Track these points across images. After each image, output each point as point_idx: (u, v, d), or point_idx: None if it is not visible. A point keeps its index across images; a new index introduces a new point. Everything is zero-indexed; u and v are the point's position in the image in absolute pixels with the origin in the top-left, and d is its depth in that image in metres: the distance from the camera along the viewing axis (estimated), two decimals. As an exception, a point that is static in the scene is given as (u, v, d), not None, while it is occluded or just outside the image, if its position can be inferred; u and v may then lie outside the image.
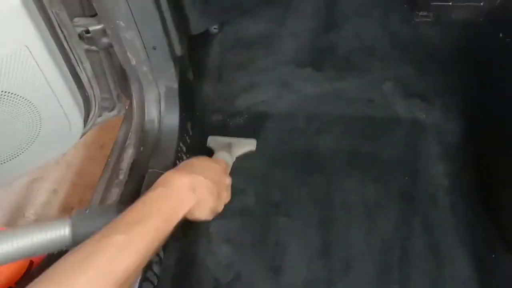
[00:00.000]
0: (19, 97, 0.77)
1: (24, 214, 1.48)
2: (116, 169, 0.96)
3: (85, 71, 0.91)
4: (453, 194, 1.01)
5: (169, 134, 1.02)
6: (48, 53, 0.76)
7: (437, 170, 1.05)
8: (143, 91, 1.01)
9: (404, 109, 1.15)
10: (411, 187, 1.02)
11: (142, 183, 0.93)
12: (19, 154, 0.87)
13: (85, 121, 0.95)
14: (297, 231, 0.98)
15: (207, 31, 1.22)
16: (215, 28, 1.26)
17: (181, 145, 1.04)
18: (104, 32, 0.89)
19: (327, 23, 1.26)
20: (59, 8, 0.81)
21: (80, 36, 0.89)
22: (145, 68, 0.96)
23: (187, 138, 1.08)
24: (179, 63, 1.01)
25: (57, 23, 0.81)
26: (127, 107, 1.10)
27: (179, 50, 0.97)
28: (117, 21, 0.85)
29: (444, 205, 0.99)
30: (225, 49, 1.27)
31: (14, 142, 0.84)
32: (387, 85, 1.19)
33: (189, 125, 1.10)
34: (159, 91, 1.01)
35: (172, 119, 1.03)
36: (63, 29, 0.83)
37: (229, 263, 0.94)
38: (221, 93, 1.23)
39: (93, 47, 0.93)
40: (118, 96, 1.07)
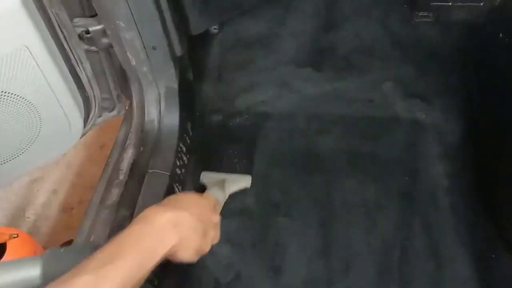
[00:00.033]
0: (19, 97, 0.77)
1: (24, 214, 1.48)
2: (116, 169, 0.96)
3: (85, 71, 0.91)
4: (453, 194, 1.01)
5: (169, 134, 1.02)
6: (48, 53, 0.76)
7: (437, 170, 1.05)
8: (143, 91, 1.01)
9: (404, 109, 1.15)
10: (411, 187, 1.02)
11: (142, 183, 0.93)
12: (19, 154, 0.87)
13: (85, 121, 0.95)
14: (297, 231, 0.98)
15: (207, 31, 1.22)
16: (215, 28, 1.26)
17: (181, 145, 1.04)
18: (104, 32, 0.90)
19: (327, 23, 1.26)
20: (59, 8, 0.81)
21: (80, 36, 0.89)
22: (145, 68, 0.96)
23: (187, 138, 1.08)
24: (179, 63, 1.01)
25: (57, 23, 0.81)
26: (127, 108, 1.10)
27: (179, 50, 0.98)
28: (117, 22, 0.85)
29: (444, 205, 0.99)
30: (225, 49, 1.27)
31: (14, 142, 0.84)
32: (387, 85, 1.19)
33: (189, 125, 1.10)
34: (159, 91, 1.01)
35: (172, 119, 1.03)
36: (63, 30, 0.83)
37: (229, 263, 0.94)
38: (221, 93, 1.23)
39: (93, 48, 0.93)
40: (118, 96, 1.07)
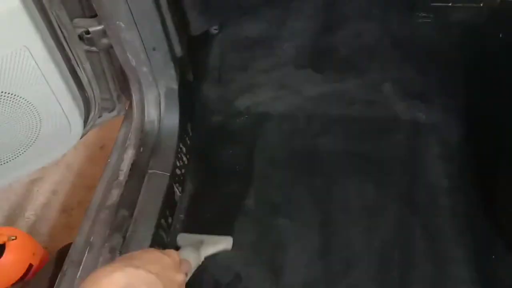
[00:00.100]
0: (19, 97, 0.77)
1: (24, 214, 1.48)
2: (116, 170, 0.96)
3: (85, 72, 0.91)
4: (453, 194, 1.00)
5: (169, 135, 1.02)
6: (48, 54, 0.76)
7: (437, 170, 1.04)
8: (143, 92, 1.01)
9: (404, 109, 1.15)
10: (411, 188, 1.02)
11: (142, 183, 0.93)
12: (19, 155, 0.87)
13: (85, 121, 0.95)
14: (297, 232, 0.98)
15: (207, 32, 1.22)
16: (215, 29, 1.26)
17: (181, 146, 1.04)
18: (104, 33, 0.90)
19: (326, 24, 1.26)
20: (59, 8, 0.81)
21: (80, 36, 0.89)
22: (145, 69, 0.96)
23: (187, 139, 1.08)
24: (179, 64, 1.01)
25: (57, 23, 0.81)
26: (127, 108, 1.10)
27: (179, 51, 0.98)
28: (117, 22, 0.85)
29: (444, 206, 0.99)
30: (225, 50, 1.27)
31: (14, 142, 0.84)
32: (387, 86, 1.19)
33: (189, 126, 1.10)
34: (159, 92, 1.01)
35: (172, 119, 1.03)
36: (63, 30, 0.83)
37: (229, 264, 0.94)
38: (221, 93, 1.23)
39: (93, 48, 0.93)
40: (118, 96, 1.07)
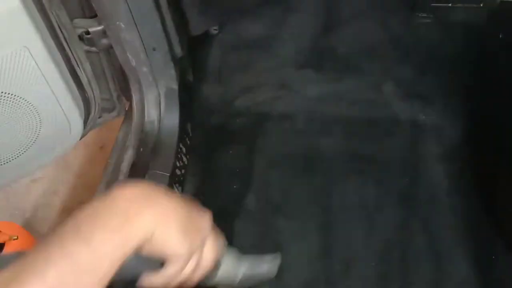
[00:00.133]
0: (19, 98, 0.77)
1: (24, 214, 1.48)
2: (116, 170, 0.96)
3: (85, 72, 0.91)
4: (453, 194, 1.00)
5: (169, 135, 1.02)
6: (48, 54, 0.76)
7: (437, 171, 1.04)
8: (143, 92, 1.01)
9: (404, 110, 1.15)
10: (411, 188, 1.02)
11: (142, 184, 0.92)
12: (19, 155, 0.87)
13: (85, 122, 0.95)
14: (297, 232, 0.98)
15: (207, 32, 1.22)
16: (215, 29, 1.26)
17: (181, 146, 1.04)
18: (104, 33, 0.89)
19: (327, 24, 1.25)
20: (59, 9, 0.81)
21: (80, 37, 0.89)
22: (145, 69, 0.96)
23: (187, 139, 1.08)
24: (179, 64, 1.01)
25: (57, 24, 0.81)
26: (127, 108, 1.10)
27: (179, 51, 0.98)
28: (117, 22, 0.85)
29: (444, 206, 0.99)
30: (225, 50, 1.27)
31: (14, 143, 0.84)
32: (387, 86, 1.19)
33: (189, 126, 1.10)
34: (159, 92, 1.01)
35: (172, 120, 1.02)
36: (63, 30, 0.83)
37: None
38: (221, 94, 1.22)
39: (93, 48, 0.93)
40: (118, 97, 1.07)
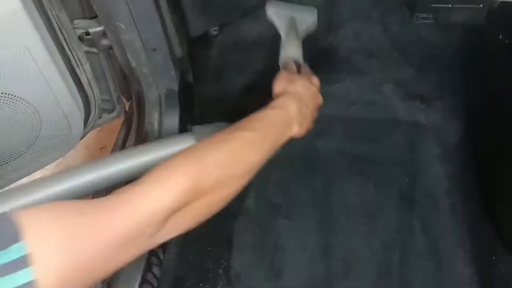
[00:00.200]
0: (19, 98, 0.77)
1: (24, 216, 1.48)
2: (116, 171, 0.96)
3: (85, 73, 0.91)
4: (453, 195, 1.01)
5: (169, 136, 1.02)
6: (48, 55, 0.76)
7: (437, 171, 1.05)
8: (143, 93, 1.01)
9: (404, 110, 1.15)
10: (411, 189, 1.02)
11: (142, 184, 0.92)
12: (19, 156, 0.87)
13: (85, 122, 0.95)
14: (297, 232, 0.98)
15: (207, 33, 1.22)
16: (215, 30, 1.26)
17: (181, 146, 1.04)
18: (104, 34, 0.90)
19: (326, 24, 1.26)
20: (59, 10, 0.81)
21: (80, 38, 0.89)
22: (145, 70, 0.96)
23: (187, 139, 1.08)
24: (179, 65, 1.01)
25: (57, 25, 0.81)
26: (127, 109, 1.10)
27: (179, 52, 0.98)
28: (117, 23, 0.85)
29: (444, 207, 0.99)
30: (225, 51, 1.27)
31: (14, 144, 0.84)
32: (387, 87, 1.19)
33: (189, 127, 1.10)
34: (159, 93, 1.01)
35: (172, 120, 1.03)
36: (63, 31, 0.83)
37: (229, 265, 0.94)
38: (221, 94, 1.23)
39: (93, 49, 0.93)
40: (118, 97, 1.07)
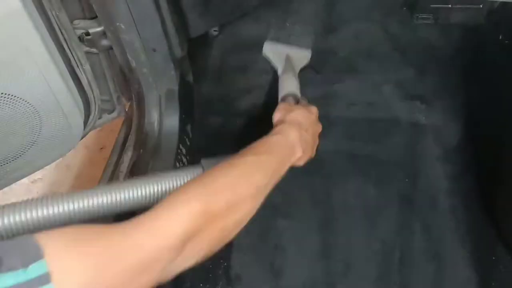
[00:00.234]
0: (19, 99, 0.77)
1: (23, 216, 1.48)
2: (116, 171, 0.96)
3: (85, 73, 0.91)
4: (453, 196, 1.01)
5: (169, 136, 1.02)
6: (48, 55, 0.76)
7: (437, 172, 1.05)
8: (143, 93, 1.01)
9: (404, 111, 1.15)
10: (411, 189, 1.02)
11: (142, 185, 0.92)
12: (19, 156, 0.86)
13: (85, 123, 0.95)
14: (297, 233, 0.98)
15: (207, 33, 1.22)
16: (215, 30, 1.25)
17: (181, 147, 1.04)
18: (104, 34, 0.90)
19: (326, 25, 1.26)
20: (59, 10, 0.81)
21: (80, 38, 0.89)
22: (145, 70, 0.96)
23: (187, 140, 1.08)
24: (179, 65, 1.01)
25: (57, 25, 0.81)
26: (127, 109, 1.10)
27: (179, 52, 0.97)
28: (117, 23, 0.85)
29: (444, 207, 0.99)
30: (225, 52, 1.27)
31: (14, 144, 0.84)
32: (387, 87, 1.19)
33: (189, 127, 1.10)
34: (159, 93, 1.01)
35: (172, 121, 1.03)
36: (63, 31, 0.83)
37: (229, 266, 0.94)
38: (221, 95, 1.23)
39: (93, 49, 0.93)
40: (118, 98, 1.07)
